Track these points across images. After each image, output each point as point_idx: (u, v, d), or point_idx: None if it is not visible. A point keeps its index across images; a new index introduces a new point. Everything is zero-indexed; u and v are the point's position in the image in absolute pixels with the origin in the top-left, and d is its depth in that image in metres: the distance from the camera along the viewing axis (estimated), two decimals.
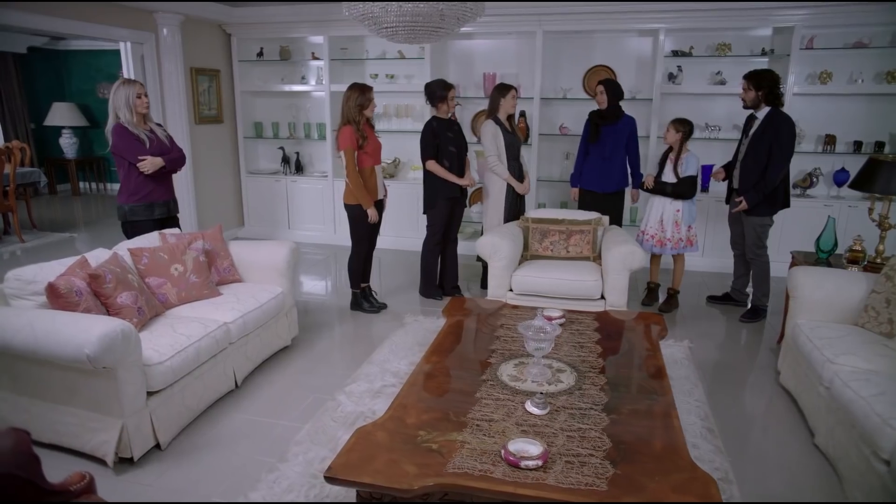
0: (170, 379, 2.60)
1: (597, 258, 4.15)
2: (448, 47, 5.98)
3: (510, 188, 4.50)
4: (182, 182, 5.57)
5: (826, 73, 5.03)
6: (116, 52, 9.08)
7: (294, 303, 3.72)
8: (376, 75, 6.04)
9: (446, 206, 4.53)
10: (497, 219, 4.54)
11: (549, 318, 3.00)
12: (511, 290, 3.92)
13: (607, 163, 4.56)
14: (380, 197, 4.30)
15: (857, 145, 5.13)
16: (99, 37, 5.01)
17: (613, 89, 4.53)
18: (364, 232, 4.28)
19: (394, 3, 2.77)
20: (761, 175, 3.94)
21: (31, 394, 2.54)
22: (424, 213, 4.63)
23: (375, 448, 1.94)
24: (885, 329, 2.84)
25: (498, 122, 4.44)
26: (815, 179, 5.23)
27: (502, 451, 1.87)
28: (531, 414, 2.16)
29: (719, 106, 5.47)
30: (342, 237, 6.20)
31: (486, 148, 4.43)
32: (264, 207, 6.52)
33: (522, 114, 5.78)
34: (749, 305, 4.39)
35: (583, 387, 2.37)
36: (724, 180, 4.43)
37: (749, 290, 4.47)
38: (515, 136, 4.56)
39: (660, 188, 4.30)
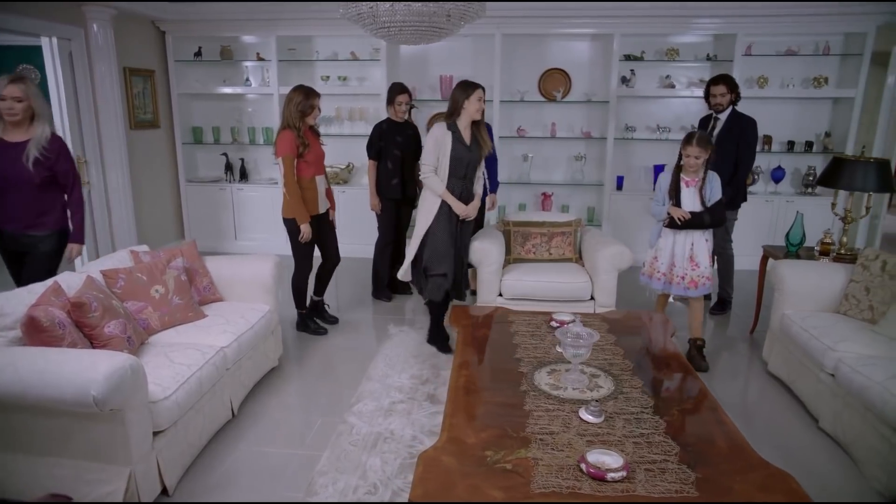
0: (176, 415, 2.33)
1: (578, 259, 4.20)
2: (403, 48, 5.86)
3: (448, 208, 3.57)
4: (119, 193, 5.09)
5: (763, 78, 5.40)
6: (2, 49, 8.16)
7: (279, 320, 3.48)
8: (328, 77, 5.80)
9: (390, 207, 4.54)
10: (416, 241, 3.64)
11: (563, 323, 2.99)
12: (500, 294, 3.88)
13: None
14: (320, 211, 3.91)
15: (790, 145, 5.55)
16: (15, 29, 4.42)
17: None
18: (307, 248, 3.87)
19: (401, 3, 2.64)
20: (732, 172, 4.15)
21: (7, 447, 2.18)
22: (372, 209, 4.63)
23: (448, 474, 1.82)
24: (867, 315, 3.07)
25: (453, 128, 3.51)
26: (756, 177, 5.60)
27: (583, 466, 1.82)
28: (587, 423, 2.12)
29: (669, 108, 5.72)
30: None
31: (424, 154, 3.57)
32: (207, 218, 6.08)
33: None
34: (715, 299, 4.62)
35: (623, 390, 2.36)
36: None
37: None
38: (474, 151, 3.57)
39: (697, 221, 3.41)
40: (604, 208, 5.77)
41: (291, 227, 3.83)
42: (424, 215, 3.62)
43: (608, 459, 1.85)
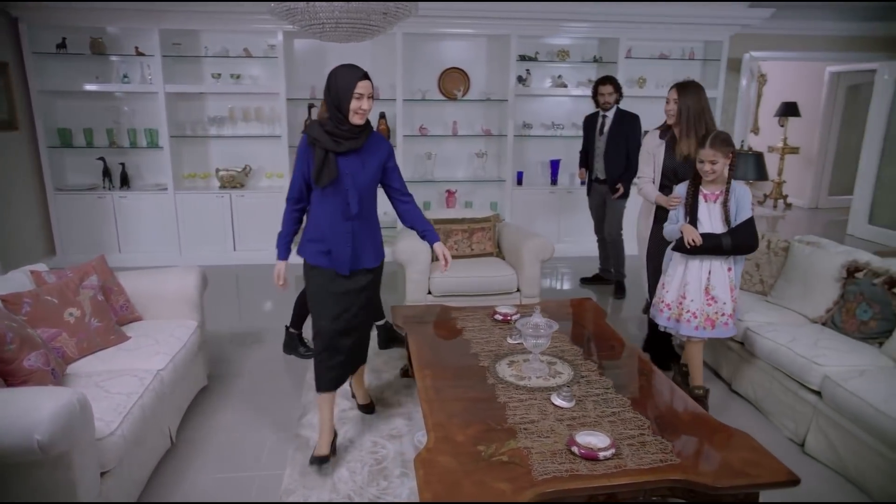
0: (122, 451, 2.09)
1: (498, 253, 4.34)
2: (299, 46, 5.65)
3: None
4: None
5: (642, 78, 5.93)
6: None
7: (206, 336, 3.22)
8: (219, 75, 5.43)
9: None
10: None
11: (506, 315, 3.09)
12: (430, 292, 3.90)
13: (363, 225, 2.51)
14: None
15: None
16: None
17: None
18: None
19: (340, 2, 2.56)
20: (626, 165, 4.53)
21: None
22: None
23: (450, 474, 1.82)
24: (759, 288, 3.51)
25: (665, 136, 3.28)
26: None
27: (575, 448, 1.91)
28: (561, 408, 2.22)
29: (561, 106, 6.08)
30: (191, 257, 5.49)
31: (640, 166, 3.49)
32: (83, 230, 5.42)
33: (383, 115, 5.74)
34: (614, 282, 4.97)
35: (583, 374, 2.49)
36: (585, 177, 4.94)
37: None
38: (675, 159, 3.20)
39: (712, 245, 2.74)
40: (506, 203, 6.00)
41: None
42: (642, 233, 3.47)
43: (594, 440, 1.95)
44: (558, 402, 2.24)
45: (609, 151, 4.66)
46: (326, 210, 2.46)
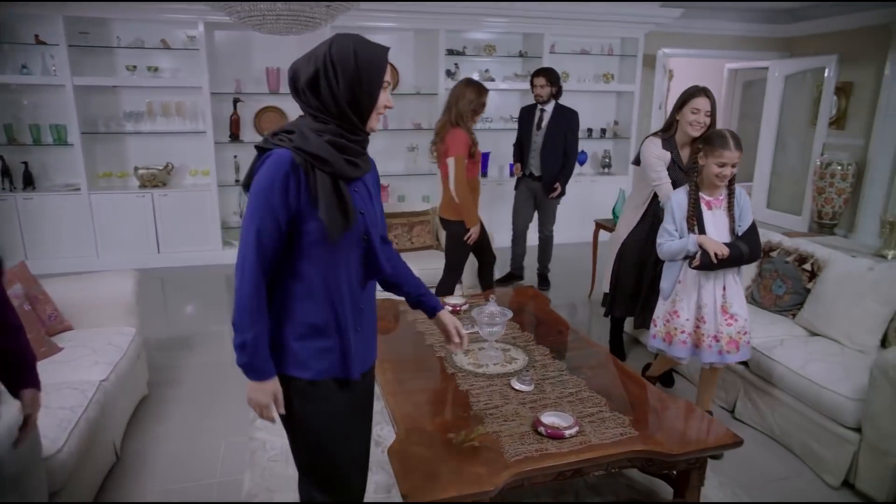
0: (70, 469, 1.96)
1: (438, 245, 4.39)
2: (220, 38, 5.41)
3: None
4: None
5: (565, 73, 6.15)
6: None
7: (143, 342, 3.06)
8: (134, 67, 5.11)
9: None
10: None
11: (455, 307, 3.15)
12: None
13: (371, 294, 1.66)
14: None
15: (590, 132, 6.42)
16: None
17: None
18: (465, 252, 3.76)
19: (280, 1, 2.50)
20: (564, 161, 4.65)
21: None
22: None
23: (426, 462, 1.86)
24: None
25: (670, 146, 2.96)
26: None
27: (541, 429, 1.99)
28: (522, 392, 2.30)
29: (489, 99, 6.14)
30: (109, 261, 5.15)
31: (649, 170, 2.98)
32: None
33: None
34: (538, 275, 5.08)
35: (536, 359, 2.60)
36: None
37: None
38: (684, 174, 2.88)
39: (735, 255, 2.46)
40: (438, 196, 6.03)
41: (457, 229, 3.64)
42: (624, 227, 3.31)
43: (558, 420, 2.05)
44: (518, 386, 2.32)
45: (546, 148, 4.63)
46: (334, 278, 1.48)
